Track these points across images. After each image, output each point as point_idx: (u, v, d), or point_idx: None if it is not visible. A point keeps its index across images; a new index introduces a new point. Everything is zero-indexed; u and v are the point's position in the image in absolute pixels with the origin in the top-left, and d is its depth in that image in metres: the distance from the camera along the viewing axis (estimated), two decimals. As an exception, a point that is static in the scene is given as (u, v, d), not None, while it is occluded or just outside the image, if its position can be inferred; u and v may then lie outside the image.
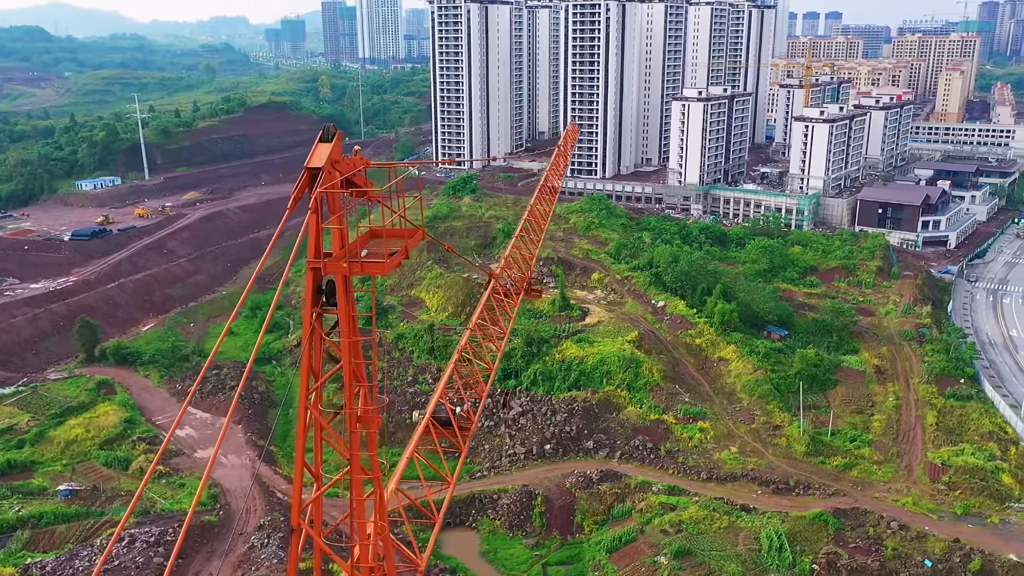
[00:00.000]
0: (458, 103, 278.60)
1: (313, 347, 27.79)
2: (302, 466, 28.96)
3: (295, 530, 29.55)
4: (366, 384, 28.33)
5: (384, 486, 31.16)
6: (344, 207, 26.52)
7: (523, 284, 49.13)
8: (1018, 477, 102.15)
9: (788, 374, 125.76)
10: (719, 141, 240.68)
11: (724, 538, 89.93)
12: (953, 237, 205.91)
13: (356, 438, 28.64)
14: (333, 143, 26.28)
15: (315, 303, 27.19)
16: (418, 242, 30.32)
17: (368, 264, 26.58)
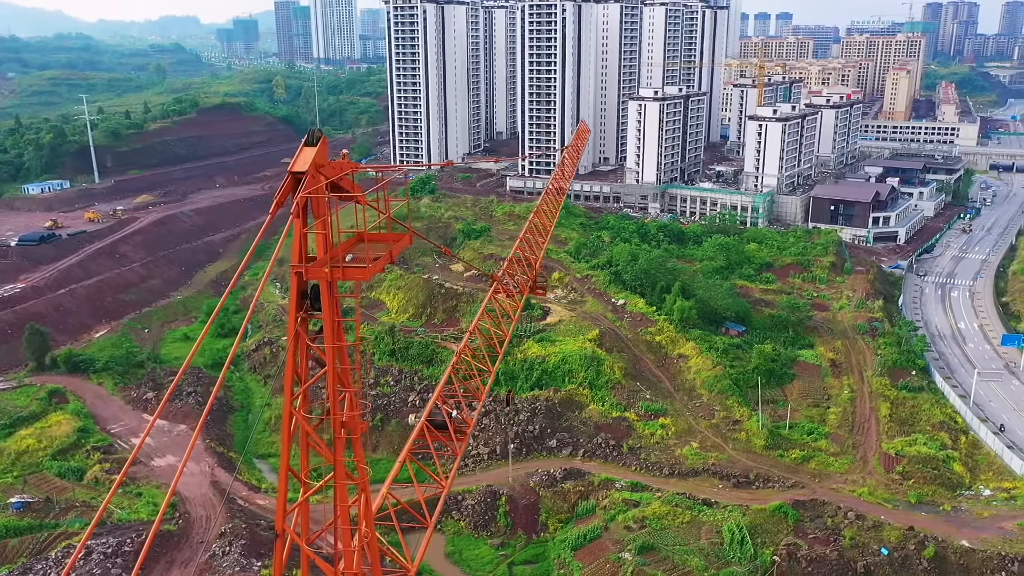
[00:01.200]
0: (415, 104, 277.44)
1: (298, 352, 27.54)
2: (287, 471, 28.64)
3: (279, 536, 29.12)
4: (351, 389, 28.10)
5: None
6: (328, 212, 26.33)
7: (530, 282, 50.06)
8: (968, 465, 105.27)
9: (746, 369, 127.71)
10: (675, 140, 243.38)
11: (687, 532, 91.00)
12: (902, 233, 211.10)
13: (340, 443, 28.40)
14: (318, 147, 25.99)
15: (299, 307, 26.91)
16: (405, 247, 30.19)
17: (350, 269, 26.32)
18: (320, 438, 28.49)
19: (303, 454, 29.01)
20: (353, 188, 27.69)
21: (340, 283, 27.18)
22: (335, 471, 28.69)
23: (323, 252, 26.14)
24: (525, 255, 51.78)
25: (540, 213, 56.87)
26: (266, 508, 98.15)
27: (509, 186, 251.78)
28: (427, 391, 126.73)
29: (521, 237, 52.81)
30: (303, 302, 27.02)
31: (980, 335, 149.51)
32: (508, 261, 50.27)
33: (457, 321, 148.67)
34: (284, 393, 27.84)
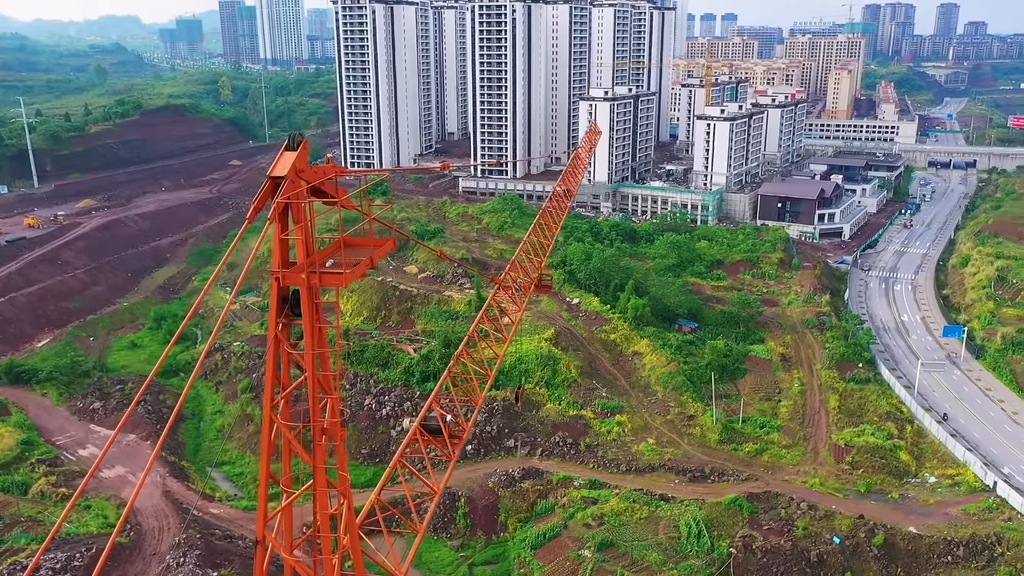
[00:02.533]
0: (366, 105, 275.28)
1: (278, 357, 27.21)
2: (267, 477, 28.20)
3: (259, 543, 28.61)
4: (333, 395, 27.80)
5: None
6: (309, 217, 26.02)
7: (536, 278, 50.99)
8: (914, 454, 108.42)
9: (700, 365, 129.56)
10: (626, 140, 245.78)
11: (645, 528, 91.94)
12: (847, 229, 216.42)
13: (320, 449, 28.06)
14: (299, 152, 25.62)
15: (280, 313, 26.38)
16: (387, 252, 29.91)
17: (327, 275, 26.00)
18: (300, 445, 28.17)
19: (285, 461, 28.67)
20: (336, 193, 27.41)
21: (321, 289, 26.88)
22: (315, 478, 28.37)
23: (303, 257, 25.83)
24: (528, 256, 52.57)
25: (546, 214, 57.99)
26: (221, 517, 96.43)
27: (462, 187, 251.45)
28: (383, 394, 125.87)
29: (525, 240, 53.43)
30: (283, 307, 26.65)
31: (923, 327, 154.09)
32: (511, 264, 50.72)
33: (412, 323, 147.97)
34: (264, 400, 27.47)
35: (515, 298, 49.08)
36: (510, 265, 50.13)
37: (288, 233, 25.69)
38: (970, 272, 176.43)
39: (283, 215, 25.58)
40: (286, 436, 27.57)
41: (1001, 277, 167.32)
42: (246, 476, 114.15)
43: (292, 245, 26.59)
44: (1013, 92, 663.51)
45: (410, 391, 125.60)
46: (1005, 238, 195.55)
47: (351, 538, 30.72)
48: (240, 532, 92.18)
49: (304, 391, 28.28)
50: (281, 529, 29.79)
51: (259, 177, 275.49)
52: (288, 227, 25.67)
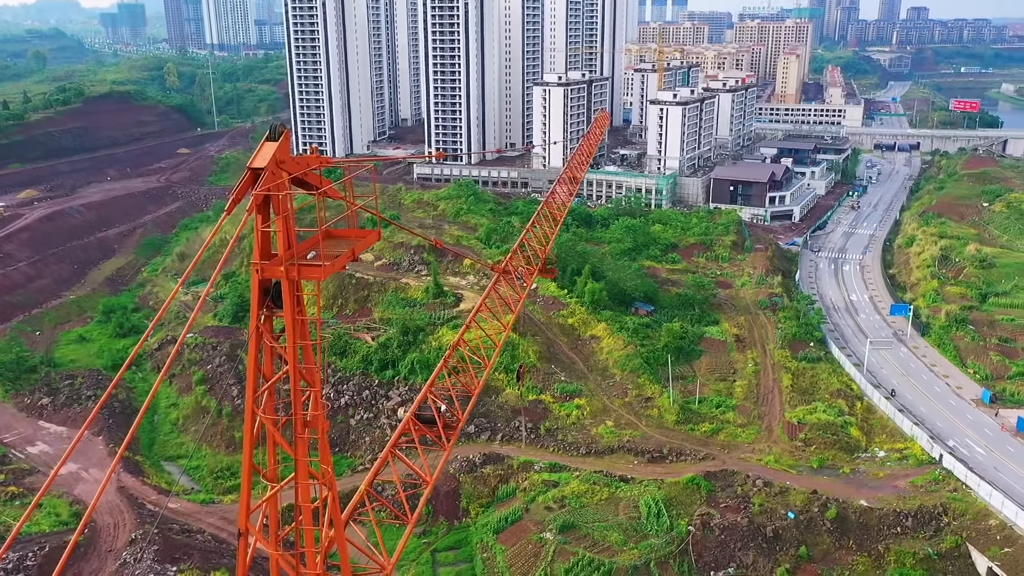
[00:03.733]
0: (317, 91, 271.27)
1: (260, 350, 26.87)
2: (250, 469, 27.87)
3: (242, 535, 28.41)
4: (317, 387, 27.56)
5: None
6: (290, 208, 25.64)
7: (540, 264, 51.34)
8: (864, 429, 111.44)
9: (656, 347, 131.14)
10: (580, 125, 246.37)
11: (605, 509, 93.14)
12: (797, 211, 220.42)
13: (302, 442, 27.84)
14: (280, 142, 25.16)
15: (262, 305, 26.17)
16: (370, 244, 29.56)
17: (306, 268, 25.71)
18: (283, 437, 27.96)
19: (270, 454, 28.41)
20: (321, 183, 27.01)
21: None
22: (296, 470, 28.16)
23: (284, 249, 25.51)
24: (531, 244, 52.90)
25: (550, 203, 58.45)
26: (178, 512, 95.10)
27: (416, 173, 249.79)
28: (341, 383, 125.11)
29: (527, 228, 53.57)
30: (265, 299, 26.29)
31: (871, 306, 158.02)
32: (512, 251, 50.76)
33: (369, 311, 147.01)
34: (246, 393, 27.18)
35: (515, 286, 49.24)
36: (511, 254, 50.31)
37: (269, 225, 25.36)
38: (915, 252, 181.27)
39: (264, 206, 25.23)
40: (269, 429, 27.41)
41: (944, 256, 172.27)
42: (203, 470, 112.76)
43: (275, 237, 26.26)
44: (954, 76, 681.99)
45: (369, 380, 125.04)
46: (948, 218, 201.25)
47: (336, 530, 30.60)
48: (199, 526, 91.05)
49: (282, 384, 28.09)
50: (263, 521, 29.62)
51: (209, 165, 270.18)
52: (269, 218, 25.35)
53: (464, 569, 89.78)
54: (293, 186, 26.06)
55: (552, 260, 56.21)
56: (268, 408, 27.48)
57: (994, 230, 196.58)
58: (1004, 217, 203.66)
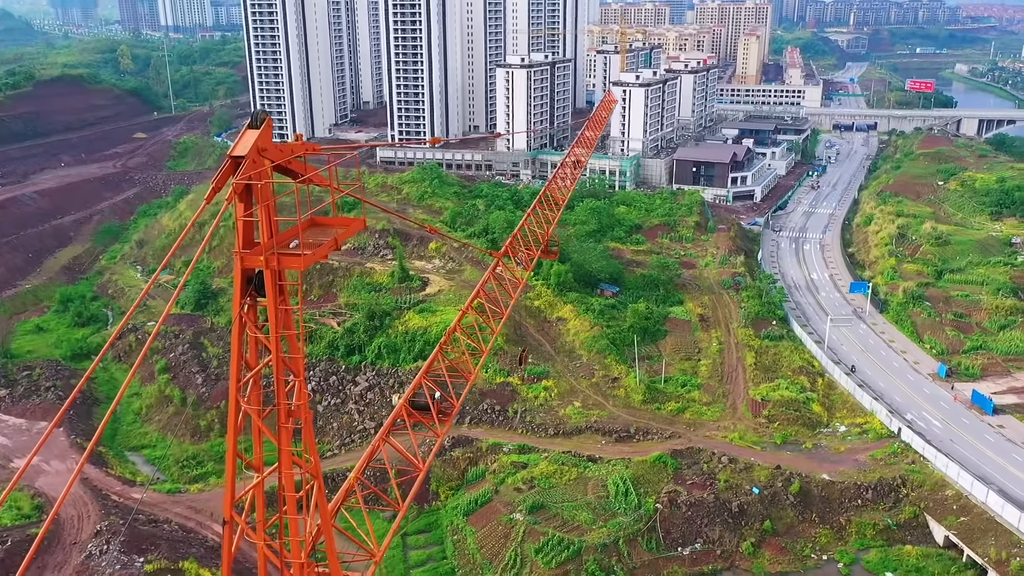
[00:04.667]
0: (276, 74, 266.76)
1: (244, 339, 26.62)
2: (235, 457, 27.65)
3: (227, 522, 28.26)
4: (301, 377, 27.37)
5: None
6: (272, 197, 25.30)
7: (543, 245, 51.81)
8: (825, 405, 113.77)
9: (622, 328, 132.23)
10: (543, 107, 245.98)
11: (574, 489, 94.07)
12: (759, 191, 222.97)
13: (285, 432, 27.69)
14: (261, 130, 24.77)
15: (244, 294, 25.95)
16: (353, 232, 29.21)
17: (285, 257, 25.45)
18: (267, 427, 27.84)
19: (256, 443, 28.23)
20: (305, 170, 26.69)
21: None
22: (280, 460, 28.00)
23: (267, 238, 25.22)
24: (539, 220, 53.00)
25: (553, 186, 58.89)
26: (144, 502, 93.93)
27: (379, 156, 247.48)
28: (307, 369, 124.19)
29: (529, 212, 53.49)
30: (248, 288, 26.03)
31: (831, 284, 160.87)
32: (513, 236, 50.67)
33: (335, 296, 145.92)
34: (230, 382, 26.99)
35: (513, 271, 49.31)
36: (511, 239, 50.32)
37: (250, 213, 25.07)
38: (873, 230, 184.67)
39: (247, 195, 24.91)
40: (254, 419, 27.31)
41: (902, 234, 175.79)
42: (168, 459, 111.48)
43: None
44: (909, 56, 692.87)
45: (335, 365, 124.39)
46: (905, 197, 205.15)
47: (323, 519, 30.54)
48: (165, 516, 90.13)
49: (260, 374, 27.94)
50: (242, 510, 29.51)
51: (167, 150, 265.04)
52: (252, 207, 25.06)
53: (435, 552, 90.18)
54: (279, 174, 25.86)
55: (555, 241, 56.72)
56: (253, 398, 27.37)
57: (949, 208, 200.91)
58: (958, 195, 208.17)
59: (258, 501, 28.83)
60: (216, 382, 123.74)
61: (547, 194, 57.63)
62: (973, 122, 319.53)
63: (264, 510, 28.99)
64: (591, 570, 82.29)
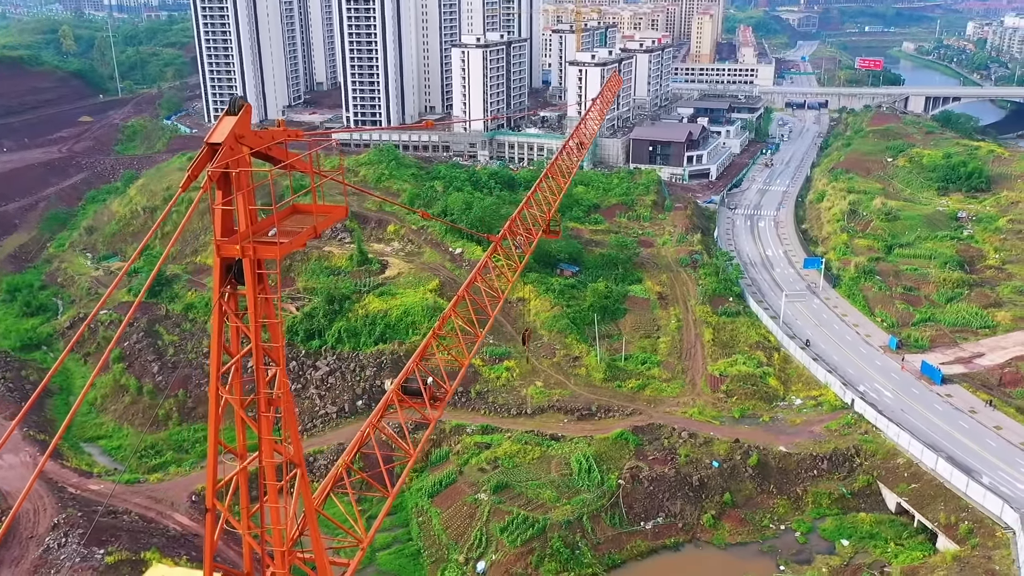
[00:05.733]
0: (227, 54, 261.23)
1: (225, 327, 26.40)
2: (215, 446, 27.45)
3: (209, 511, 28.20)
4: (282, 365, 27.13)
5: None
6: (251, 184, 24.86)
7: (545, 225, 51.87)
8: (781, 379, 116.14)
9: (582, 307, 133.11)
10: (500, 87, 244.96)
11: (538, 467, 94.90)
12: (714, 170, 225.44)
13: (266, 421, 27.46)
14: (239, 117, 24.39)
15: (225, 283, 25.75)
16: (336, 220, 28.84)
17: (261, 246, 25.09)
18: (249, 416, 27.63)
19: (239, 432, 28.06)
20: (287, 156, 26.34)
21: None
22: (261, 448, 27.81)
23: (245, 226, 24.85)
24: (545, 196, 52.97)
25: (555, 169, 58.93)
26: (101, 493, 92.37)
27: (335, 138, 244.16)
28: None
29: (529, 196, 53.17)
30: (228, 277, 25.74)
31: (785, 260, 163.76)
32: (511, 220, 50.25)
33: (292, 280, 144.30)
34: (211, 371, 26.71)
35: (510, 255, 49.28)
36: (510, 222, 50.03)
37: (225, 201, 24.72)
38: (825, 207, 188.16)
39: (225, 182, 24.54)
40: (236, 407, 27.12)
41: (853, 210, 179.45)
42: (125, 449, 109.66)
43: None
44: (859, 35, 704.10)
45: (295, 350, 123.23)
46: (855, 174, 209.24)
47: (307, 507, 30.46)
48: (125, 507, 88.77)
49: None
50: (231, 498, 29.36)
51: (114, 134, 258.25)
52: (231, 194, 24.73)
53: (400, 534, 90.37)
54: (262, 161, 25.57)
55: (557, 220, 56.86)
56: (235, 386, 27.15)
57: (898, 184, 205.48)
58: (907, 171, 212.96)
59: (242, 490, 28.70)
60: (173, 370, 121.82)
61: (548, 176, 57.69)
62: (920, 99, 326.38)
63: (248, 498, 28.85)
64: (556, 547, 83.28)
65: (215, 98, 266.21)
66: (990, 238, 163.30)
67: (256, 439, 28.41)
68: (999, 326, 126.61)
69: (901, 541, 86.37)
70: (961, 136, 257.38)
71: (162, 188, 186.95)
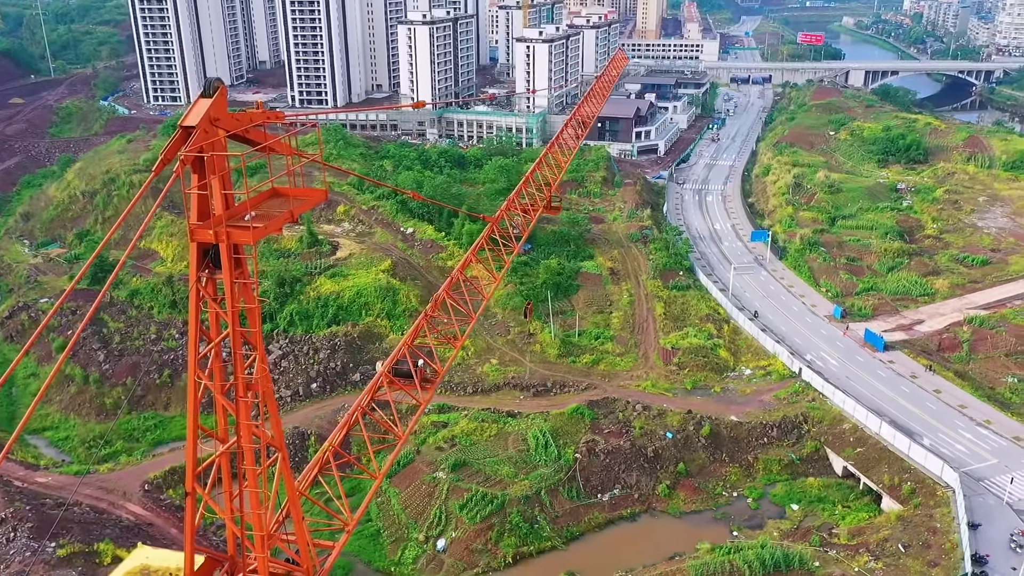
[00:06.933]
0: (164, 32, 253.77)
1: (202, 312, 26.17)
2: (195, 430, 27.15)
3: (189, 494, 27.97)
4: (261, 350, 26.80)
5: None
6: (227, 167, 24.33)
7: (546, 200, 53.10)
8: (731, 350, 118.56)
9: (535, 285, 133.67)
10: (447, 64, 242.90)
11: (495, 444, 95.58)
12: (662, 145, 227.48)
13: (244, 405, 27.14)
14: (214, 99, 23.89)
15: (201, 267, 25.46)
16: (315, 204, 28.46)
17: (235, 231, 24.70)
18: (228, 401, 27.37)
19: (220, 417, 27.88)
20: (266, 139, 25.81)
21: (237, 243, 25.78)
22: (239, 433, 27.55)
23: (220, 210, 24.38)
24: (544, 175, 53.04)
25: (555, 147, 60.00)
26: (49, 486, 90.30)
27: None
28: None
29: (528, 176, 52.93)
30: (205, 262, 25.46)
31: (733, 234, 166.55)
32: (509, 200, 50.02)
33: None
34: (189, 356, 26.37)
35: (508, 237, 49.51)
36: (507, 203, 49.88)
37: (203, 185, 24.31)
38: (771, 181, 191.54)
39: (200, 166, 24.04)
40: (216, 393, 26.89)
41: (797, 184, 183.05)
42: (73, 440, 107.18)
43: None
44: (800, 10, 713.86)
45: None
46: (799, 147, 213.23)
47: (288, 491, 30.31)
48: (75, 499, 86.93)
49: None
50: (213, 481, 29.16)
51: (48, 116, 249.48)
52: (204, 178, 24.36)
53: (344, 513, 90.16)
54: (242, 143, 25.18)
55: (559, 197, 57.33)
56: (215, 371, 26.98)
57: (840, 157, 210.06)
58: (848, 145, 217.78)
59: (224, 473, 28.53)
60: (120, 358, 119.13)
61: (548, 156, 57.84)
62: (860, 73, 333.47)
63: (230, 482, 28.68)
64: (515, 522, 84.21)
65: (154, 78, 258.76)
66: (928, 208, 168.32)
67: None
68: (937, 293, 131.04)
69: (848, 503, 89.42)
70: (899, 109, 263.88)
71: (101, 172, 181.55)
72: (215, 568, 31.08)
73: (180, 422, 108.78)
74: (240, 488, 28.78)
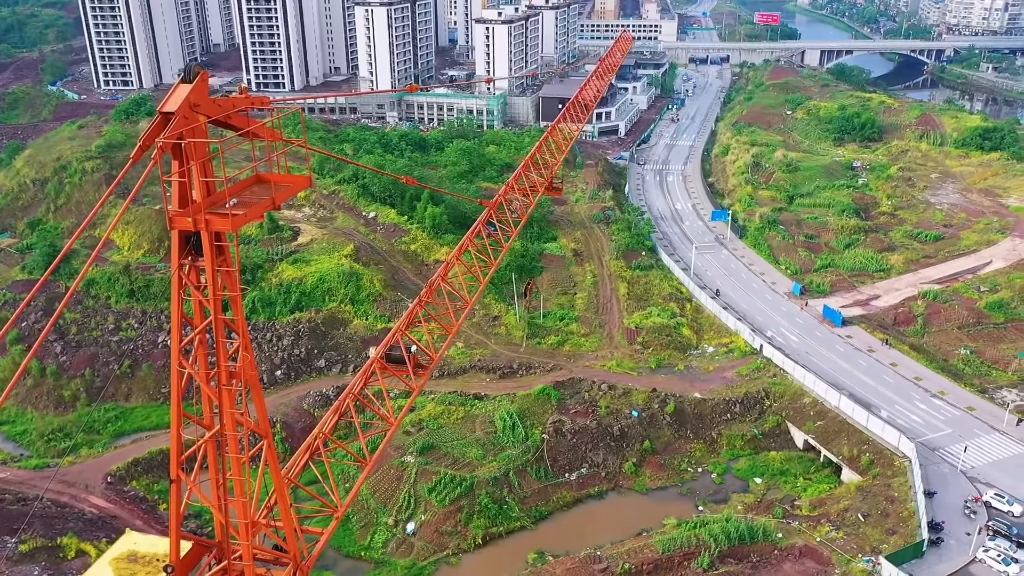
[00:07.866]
0: (114, 14, 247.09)
1: (186, 300, 25.98)
2: (179, 417, 26.96)
3: (174, 481, 27.87)
4: (246, 338, 26.49)
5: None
6: (207, 154, 23.85)
7: (547, 181, 53.47)
8: (694, 328, 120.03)
9: (499, 267, 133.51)
10: (406, 46, 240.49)
11: (463, 427, 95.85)
12: (622, 126, 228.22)
13: (228, 394, 26.80)
14: (195, 85, 23.50)
15: (183, 255, 25.23)
16: (298, 190, 28.07)
17: (214, 218, 24.35)
18: (213, 389, 27.11)
19: (205, 405, 27.75)
20: (248, 124, 25.59)
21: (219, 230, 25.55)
22: (223, 421, 27.30)
23: (201, 197, 24.04)
24: (544, 158, 52.96)
25: (555, 131, 60.03)
26: (9, 481, 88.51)
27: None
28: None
29: (527, 161, 52.56)
30: (187, 249, 25.23)
31: (694, 214, 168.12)
32: (507, 186, 49.67)
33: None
34: (172, 344, 26.17)
35: (507, 220, 49.53)
36: (506, 187, 49.57)
37: (183, 171, 23.92)
38: (730, 160, 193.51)
39: (180, 152, 23.62)
40: (201, 381, 26.72)
41: (756, 163, 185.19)
42: (31, 433, 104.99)
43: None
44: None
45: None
46: (757, 127, 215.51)
47: (275, 478, 30.13)
48: (36, 492, 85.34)
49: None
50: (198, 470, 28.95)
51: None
52: (186, 164, 23.96)
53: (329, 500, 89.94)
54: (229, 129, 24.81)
55: (559, 178, 57.25)
56: (200, 359, 26.83)
57: (797, 136, 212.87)
58: (805, 124, 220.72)
59: (210, 460, 28.38)
60: (77, 349, 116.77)
61: (550, 139, 57.74)
62: (815, 53, 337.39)
63: (216, 470, 28.52)
64: (484, 503, 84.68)
65: (104, 62, 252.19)
66: (883, 186, 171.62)
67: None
68: (893, 269, 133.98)
69: (809, 475, 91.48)
70: (854, 88, 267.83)
71: (52, 159, 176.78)
72: (202, 554, 31.04)
73: (141, 413, 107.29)
74: (224, 476, 28.69)
